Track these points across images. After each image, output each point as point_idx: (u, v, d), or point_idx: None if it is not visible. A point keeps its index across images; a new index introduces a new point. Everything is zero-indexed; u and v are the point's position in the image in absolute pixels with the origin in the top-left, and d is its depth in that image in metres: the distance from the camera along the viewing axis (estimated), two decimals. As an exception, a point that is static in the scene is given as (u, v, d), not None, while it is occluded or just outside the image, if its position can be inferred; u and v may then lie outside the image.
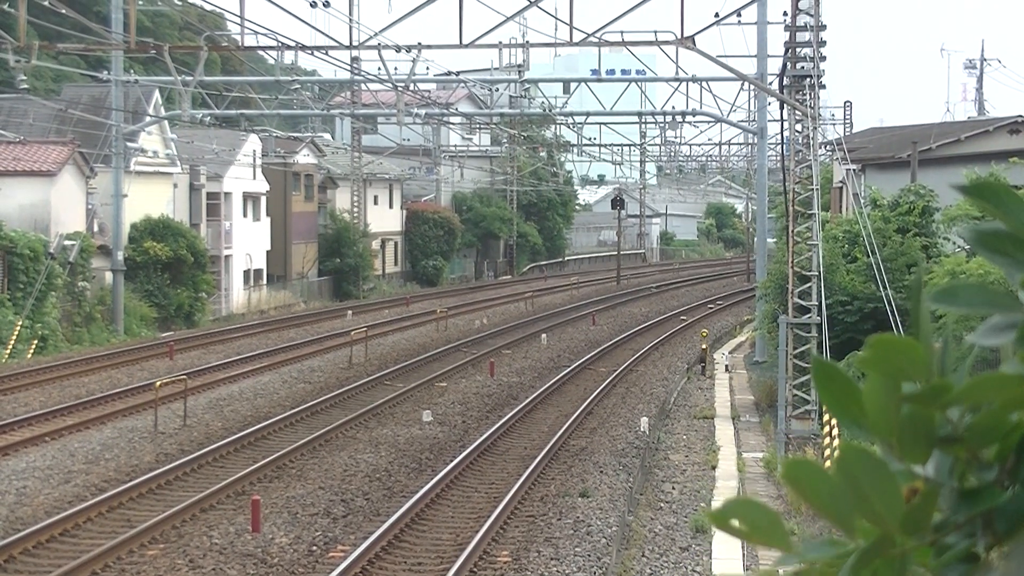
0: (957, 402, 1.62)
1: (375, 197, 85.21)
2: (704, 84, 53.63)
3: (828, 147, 56.30)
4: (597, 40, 36.84)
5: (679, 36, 34.76)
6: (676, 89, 56.39)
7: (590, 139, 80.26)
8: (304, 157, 75.81)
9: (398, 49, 38.07)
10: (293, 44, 38.69)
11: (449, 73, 51.83)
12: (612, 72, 64.04)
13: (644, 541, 23.20)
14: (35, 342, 47.95)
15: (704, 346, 47.74)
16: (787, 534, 1.69)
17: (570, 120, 68.42)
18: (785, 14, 35.56)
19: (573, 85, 61.72)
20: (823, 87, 35.62)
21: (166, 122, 60.56)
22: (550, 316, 64.73)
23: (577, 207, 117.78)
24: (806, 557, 1.64)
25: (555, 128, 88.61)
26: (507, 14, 36.69)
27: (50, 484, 26.83)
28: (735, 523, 1.68)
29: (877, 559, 1.61)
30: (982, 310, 1.66)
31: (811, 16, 33.66)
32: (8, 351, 46.20)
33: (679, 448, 32.11)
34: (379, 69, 45.62)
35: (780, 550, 1.68)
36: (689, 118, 60.64)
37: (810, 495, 1.65)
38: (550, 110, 63.47)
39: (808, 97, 34.30)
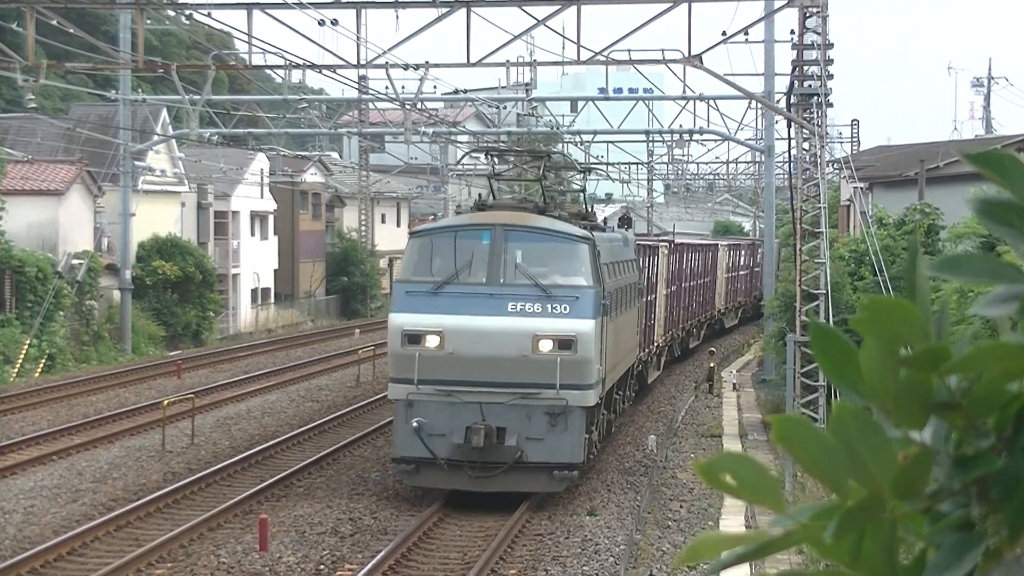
0: (956, 370, 1.59)
1: (383, 216, 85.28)
2: (711, 102, 53.66)
3: (835, 165, 56.29)
4: (604, 59, 36.86)
5: (686, 55, 34.77)
6: (683, 107, 56.41)
7: (597, 157, 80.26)
8: (311, 176, 75.90)
9: (406, 67, 38.11)
10: (300, 63, 38.73)
11: (456, 91, 51.89)
12: (619, 90, 64.13)
13: (652, 560, 23.15)
14: (43, 361, 47.97)
15: (711, 364, 47.67)
16: (778, 491, 1.66)
17: (577, 138, 68.53)
18: (792, 32, 35.57)
19: (580, 103, 61.82)
20: (830, 105, 35.64)
21: (174, 141, 60.66)
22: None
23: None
24: (798, 518, 1.62)
25: (562, 146, 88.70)
26: (515, 33, 36.68)
27: (58, 503, 26.83)
28: (724, 478, 1.66)
29: (866, 523, 1.58)
30: (986, 280, 1.63)
31: (818, 34, 33.69)
32: (16, 370, 46.21)
33: (687, 467, 32.05)
34: (387, 88, 45.70)
35: (769, 508, 1.66)
36: (696, 136, 60.68)
37: (802, 454, 1.62)
38: (557, 128, 63.53)
39: (815, 115, 34.30)
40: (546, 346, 25.96)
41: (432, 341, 26.13)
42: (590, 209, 36.32)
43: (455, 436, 25.98)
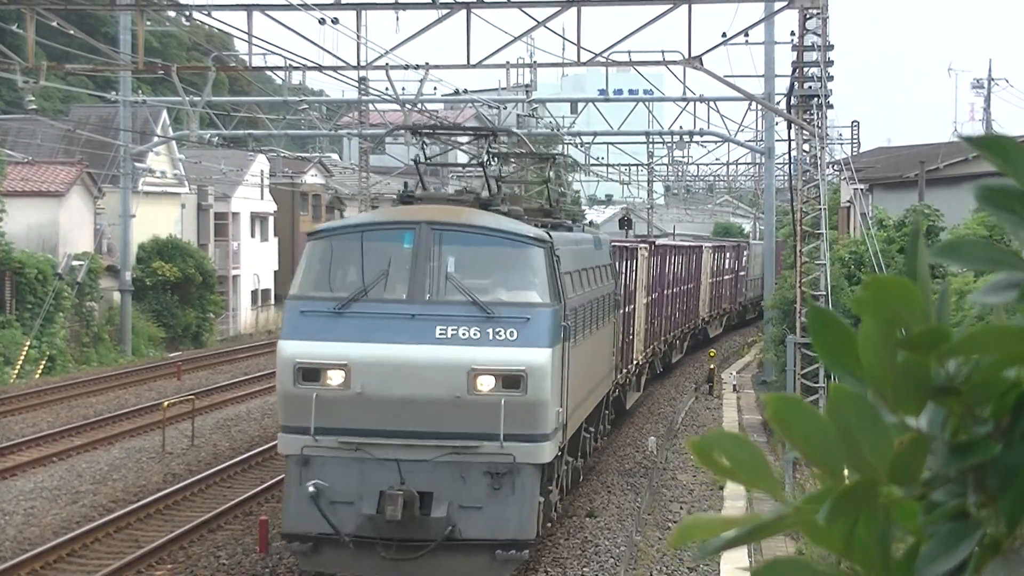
0: (955, 352, 1.56)
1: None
2: (712, 104, 53.63)
3: (836, 167, 56.28)
4: (604, 60, 36.84)
5: (686, 56, 34.74)
6: (684, 109, 56.38)
7: (597, 159, 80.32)
8: (312, 177, 75.90)
9: (406, 68, 38.09)
10: (301, 64, 38.72)
11: (457, 92, 51.87)
12: (619, 92, 64.06)
13: (652, 561, 23.15)
14: (43, 362, 47.97)
15: (712, 366, 47.68)
16: (771, 473, 1.63)
17: (577, 140, 68.53)
18: (792, 34, 35.56)
19: (580, 105, 61.80)
20: (830, 107, 35.63)
21: (174, 142, 60.68)
22: (558, 336, 64.47)
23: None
24: (793, 502, 1.59)
25: (562, 148, 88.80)
26: (515, 34, 36.66)
27: (58, 504, 26.82)
28: (718, 456, 1.64)
29: (861, 508, 1.55)
30: (986, 266, 1.61)
31: (818, 36, 33.69)
32: (16, 371, 46.21)
33: (687, 468, 32.06)
34: (387, 89, 45.68)
35: (763, 490, 1.63)
36: (696, 138, 60.66)
37: (796, 436, 1.58)
38: (557, 130, 63.52)
39: (815, 117, 34.30)
40: (487, 384, 19.32)
41: (334, 378, 19.43)
42: (554, 204, 29.75)
43: (365, 505, 19.22)
